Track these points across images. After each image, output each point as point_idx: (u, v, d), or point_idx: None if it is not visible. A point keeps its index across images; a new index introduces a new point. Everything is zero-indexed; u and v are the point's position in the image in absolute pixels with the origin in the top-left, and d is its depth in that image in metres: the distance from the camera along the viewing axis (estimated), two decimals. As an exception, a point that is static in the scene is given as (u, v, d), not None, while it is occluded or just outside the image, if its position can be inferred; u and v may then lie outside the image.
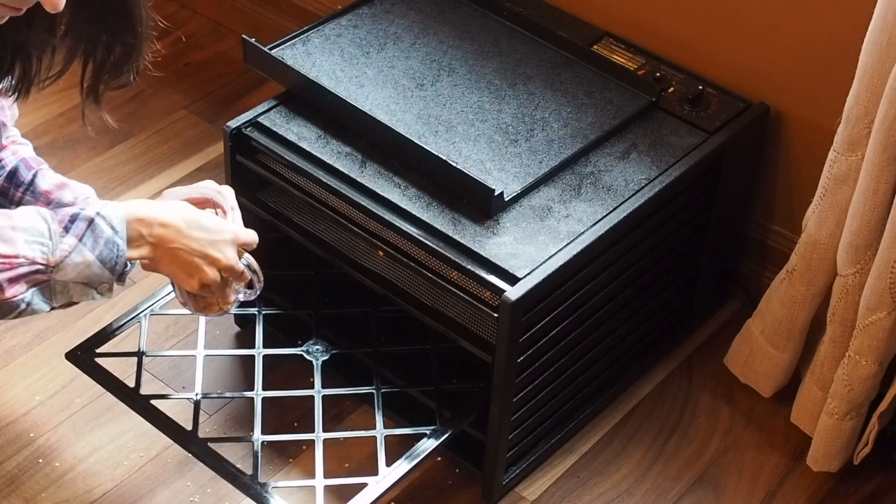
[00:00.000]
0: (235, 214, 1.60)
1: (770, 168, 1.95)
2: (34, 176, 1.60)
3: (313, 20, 1.94)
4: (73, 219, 1.42)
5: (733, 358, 1.96)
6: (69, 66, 1.47)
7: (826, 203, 1.69)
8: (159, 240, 1.49)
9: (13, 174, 1.60)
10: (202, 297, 1.62)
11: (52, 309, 1.44)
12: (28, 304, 1.41)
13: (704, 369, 1.99)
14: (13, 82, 1.47)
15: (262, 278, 1.63)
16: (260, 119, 1.79)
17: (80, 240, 1.41)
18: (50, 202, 1.59)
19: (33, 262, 1.39)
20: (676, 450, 1.88)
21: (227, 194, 1.61)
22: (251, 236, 1.58)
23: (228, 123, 1.79)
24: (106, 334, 1.77)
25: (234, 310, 1.93)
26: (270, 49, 1.84)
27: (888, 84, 1.53)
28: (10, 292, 1.38)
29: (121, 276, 1.47)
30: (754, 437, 1.90)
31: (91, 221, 1.42)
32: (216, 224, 1.53)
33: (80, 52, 1.45)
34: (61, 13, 1.35)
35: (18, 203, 1.59)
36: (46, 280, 1.41)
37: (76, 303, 1.46)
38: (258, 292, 1.65)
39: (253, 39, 1.83)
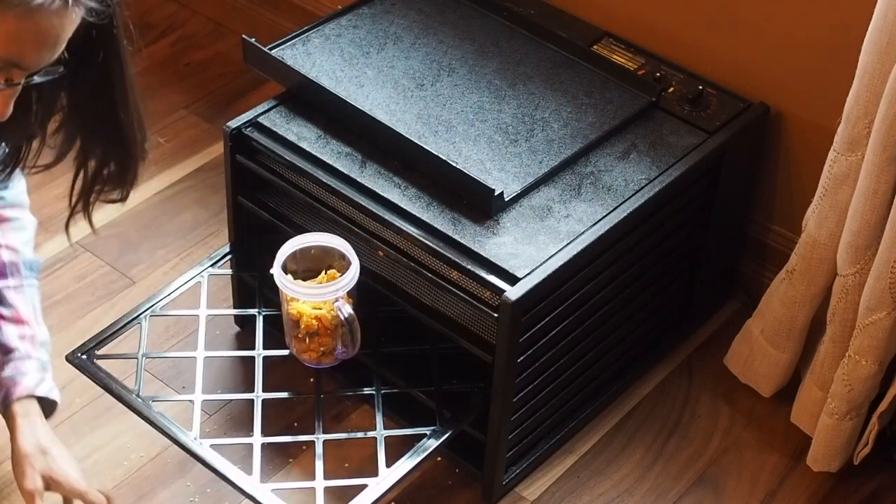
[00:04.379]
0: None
1: (770, 168, 1.95)
2: None
3: (313, 20, 1.94)
4: None
5: (733, 358, 1.96)
6: (58, 161, 1.47)
7: (826, 203, 1.69)
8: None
9: None
10: (301, 342, 1.70)
11: None
12: None
13: (704, 369, 1.99)
14: None
15: (358, 340, 1.69)
16: (260, 119, 1.79)
17: None
18: None
19: None
20: (676, 450, 1.88)
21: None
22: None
23: (228, 123, 1.79)
24: (106, 336, 1.77)
25: (236, 311, 1.95)
26: (270, 49, 1.84)
27: (888, 84, 1.52)
28: None
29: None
30: (754, 437, 1.90)
31: None
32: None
33: (75, 158, 1.44)
34: (54, 110, 1.35)
35: None
36: None
37: None
38: (352, 353, 1.71)
39: (253, 39, 1.83)
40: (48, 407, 1.62)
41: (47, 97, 1.38)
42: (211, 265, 1.87)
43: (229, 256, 1.89)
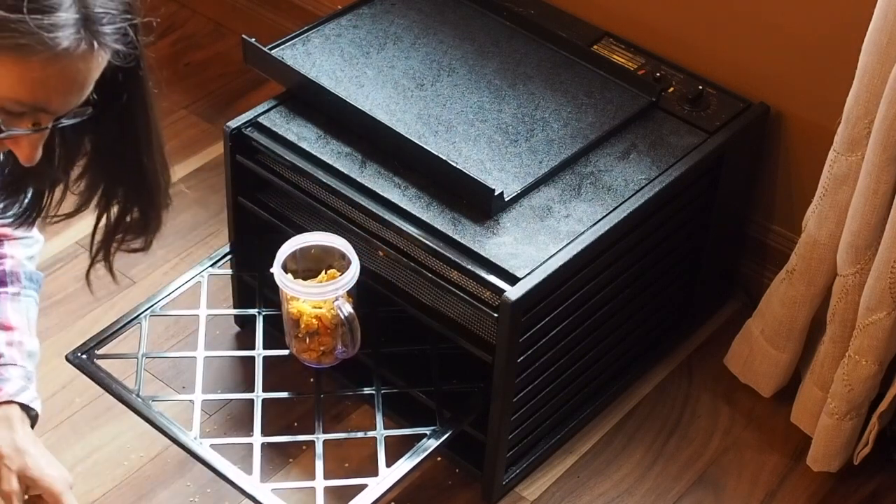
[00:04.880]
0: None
1: (770, 168, 1.95)
2: None
3: (313, 20, 1.94)
4: None
5: (733, 358, 1.96)
6: (81, 210, 1.44)
7: (826, 203, 1.69)
8: None
9: None
10: (301, 341, 1.69)
11: None
12: None
13: (704, 369, 1.99)
14: (20, 209, 1.44)
15: (358, 340, 1.69)
16: (260, 119, 1.79)
17: None
18: None
19: None
20: (676, 450, 1.88)
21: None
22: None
23: (228, 123, 1.79)
24: (106, 336, 1.77)
25: (236, 311, 1.95)
26: (270, 49, 1.84)
27: (888, 84, 1.52)
28: None
29: None
30: (754, 437, 1.90)
31: None
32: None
33: (95, 205, 1.41)
34: (78, 156, 1.33)
35: None
36: None
37: None
38: (352, 353, 1.71)
39: (253, 39, 1.83)
40: (30, 419, 1.59)
41: (70, 141, 1.36)
42: (211, 265, 1.87)
43: (229, 256, 1.90)
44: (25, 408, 1.54)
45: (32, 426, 1.55)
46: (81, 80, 1.20)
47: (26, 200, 1.43)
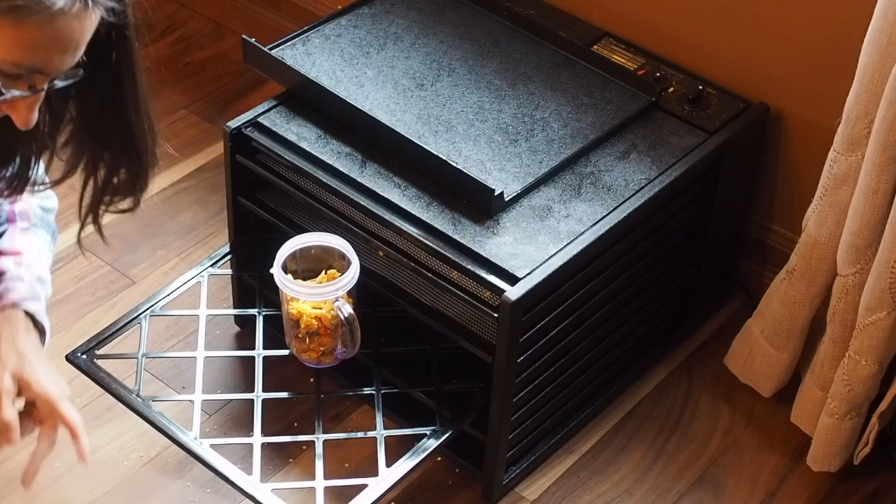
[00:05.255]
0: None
1: (770, 168, 1.95)
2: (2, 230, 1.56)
3: (313, 20, 1.94)
4: None
5: (733, 358, 1.96)
6: (68, 176, 1.44)
7: (826, 203, 1.69)
8: None
9: None
10: (301, 341, 1.69)
11: None
12: None
13: (704, 369, 1.99)
14: (8, 176, 1.44)
15: (358, 340, 1.68)
16: (260, 119, 1.79)
17: None
18: None
19: None
20: (676, 450, 1.88)
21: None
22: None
23: (228, 123, 1.79)
24: (106, 336, 1.77)
25: (236, 311, 1.95)
26: (270, 49, 1.84)
27: (888, 84, 1.52)
28: None
29: None
30: (754, 437, 1.90)
31: None
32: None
33: (82, 168, 1.42)
34: (63, 122, 1.33)
35: None
36: None
37: None
38: (352, 353, 1.71)
39: (253, 39, 1.83)
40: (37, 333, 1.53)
41: (56, 107, 1.37)
42: (211, 265, 1.87)
43: (229, 256, 1.90)
44: (32, 319, 1.50)
45: (42, 344, 1.51)
46: (77, 39, 1.21)
47: (14, 169, 1.43)
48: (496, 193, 1.64)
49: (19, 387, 1.45)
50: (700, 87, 1.85)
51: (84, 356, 1.75)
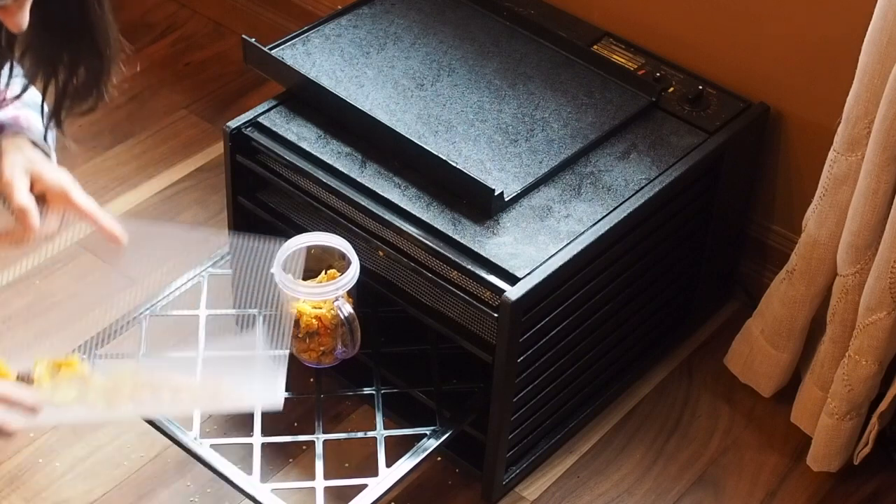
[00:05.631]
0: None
1: (770, 168, 1.95)
2: None
3: (313, 20, 1.94)
4: None
5: (733, 358, 1.96)
6: (28, 86, 1.42)
7: (826, 203, 1.69)
8: None
9: None
10: (301, 342, 1.69)
11: None
12: None
13: (704, 369, 1.99)
14: None
15: (358, 340, 1.68)
16: (260, 119, 1.79)
17: None
18: None
19: None
20: (676, 450, 1.88)
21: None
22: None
23: (228, 123, 1.79)
24: (106, 336, 1.77)
25: (235, 311, 1.95)
26: (270, 49, 1.84)
27: (888, 84, 1.52)
28: None
29: None
30: (754, 437, 1.90)
31: None
32: None
33: (41, 76, 1.39)
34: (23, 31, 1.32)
35: None
36: None
37: None
38: (352, 353, 1.70)
39: (253, 39, 1.83)
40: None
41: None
42: (211, 265, 1.87)
43: (229, 256, 1.89)
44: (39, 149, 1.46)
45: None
46: None
47: None
48: (496, 193, 1.64)
49: (31, 180, 1.41)
50: (700, 87, 1.85)
51: (84, 356, 1.74)
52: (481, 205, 1.67)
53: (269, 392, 1.49)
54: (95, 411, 1.40)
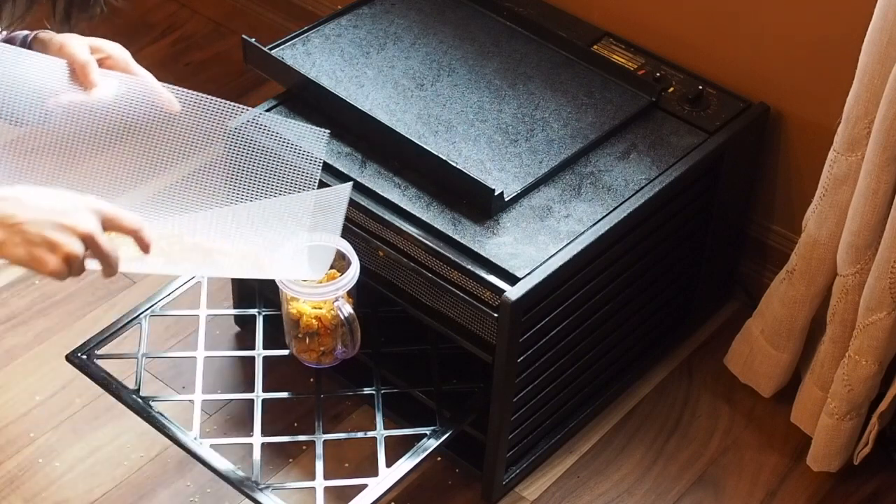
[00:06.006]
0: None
1: (770, 168, 1.95)
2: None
3: (313, 20, 1.94)
4: None
5: (733, 358, 1.96)
6: (30, 11, 1.42)
7: (826, 203, 1.69)
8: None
9: None
10: (301, 342, 1.68)
11: None
12: None
13: (704, 369, 1.99)
14: None
15: (358, 340, 1.68)
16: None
17: None
18: None
19: None
20: (676, 450, 1.88)
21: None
22: (116, 213, 1.36)
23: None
24: (106, 336, 1.77)
25: (236, 311, 1.95)
26: (270, 49, 1.84)
27: (888, 84, 1.52)
28: None
29: None
30: (754, 437, 1.90)
31: None
32: (66, 194, 1.33)
33: None
34: None
35: None
36: None
37: None
38: (352, 353, 1.70)
39: (253, 39, 1.83)
40: None
41: None
42: (211, 265, 1.87)
43: (229, 256, 1.89)
44: None
45: None
46: None
47: None
48: (496, 193, 1.64)
49: (100, 59, 1.46)
50: (700, 87, 1.85)
51: (84, 356, 1.75)
52: (481, 205, 1.67)
53: (296, 266, 1.58)
54: (158, 264, 1.45)
